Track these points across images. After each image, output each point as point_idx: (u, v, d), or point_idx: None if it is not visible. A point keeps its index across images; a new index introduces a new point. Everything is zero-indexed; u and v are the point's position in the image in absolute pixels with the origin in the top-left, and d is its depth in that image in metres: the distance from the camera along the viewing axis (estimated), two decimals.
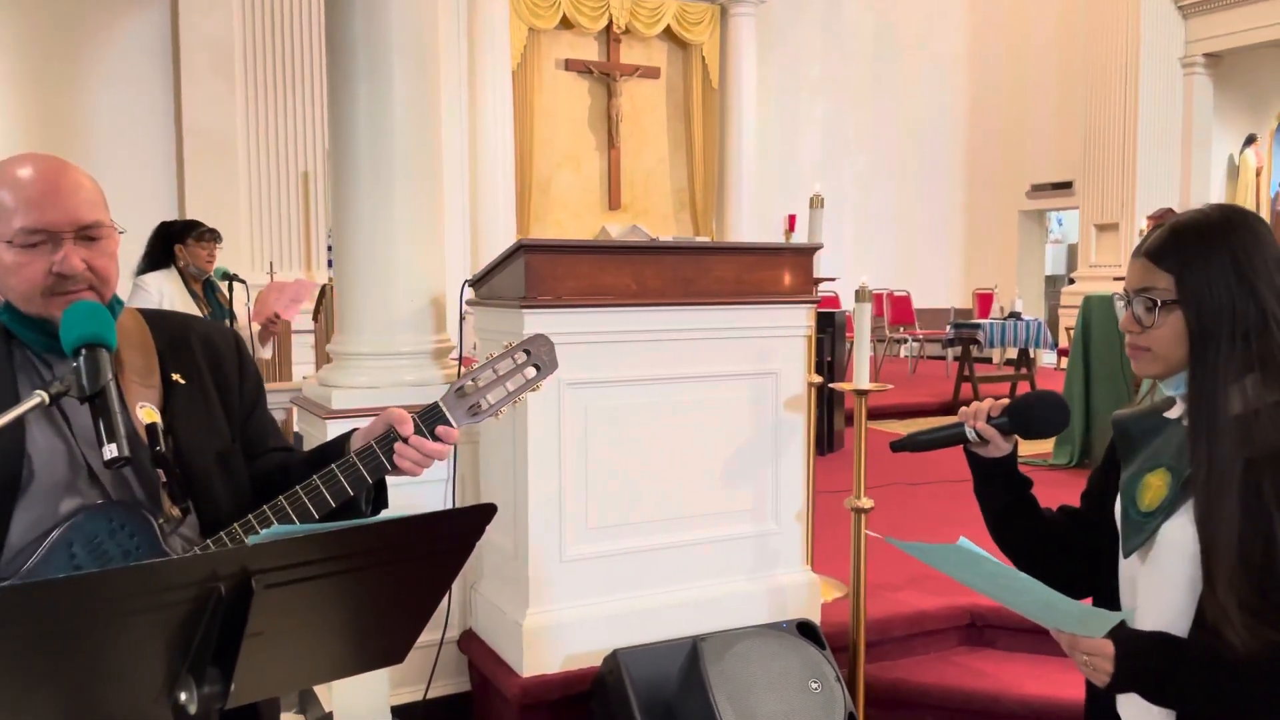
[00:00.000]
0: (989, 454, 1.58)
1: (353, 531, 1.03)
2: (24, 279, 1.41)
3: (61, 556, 1.38)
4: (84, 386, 1.33)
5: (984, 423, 1.55)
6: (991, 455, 1.58)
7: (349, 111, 3.31)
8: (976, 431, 1.55)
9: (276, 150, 7.43)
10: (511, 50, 10.21)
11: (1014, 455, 1.59)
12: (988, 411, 1.56)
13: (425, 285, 3.39)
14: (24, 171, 1.45)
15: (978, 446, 1.58)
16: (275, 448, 1.71)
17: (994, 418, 1.55)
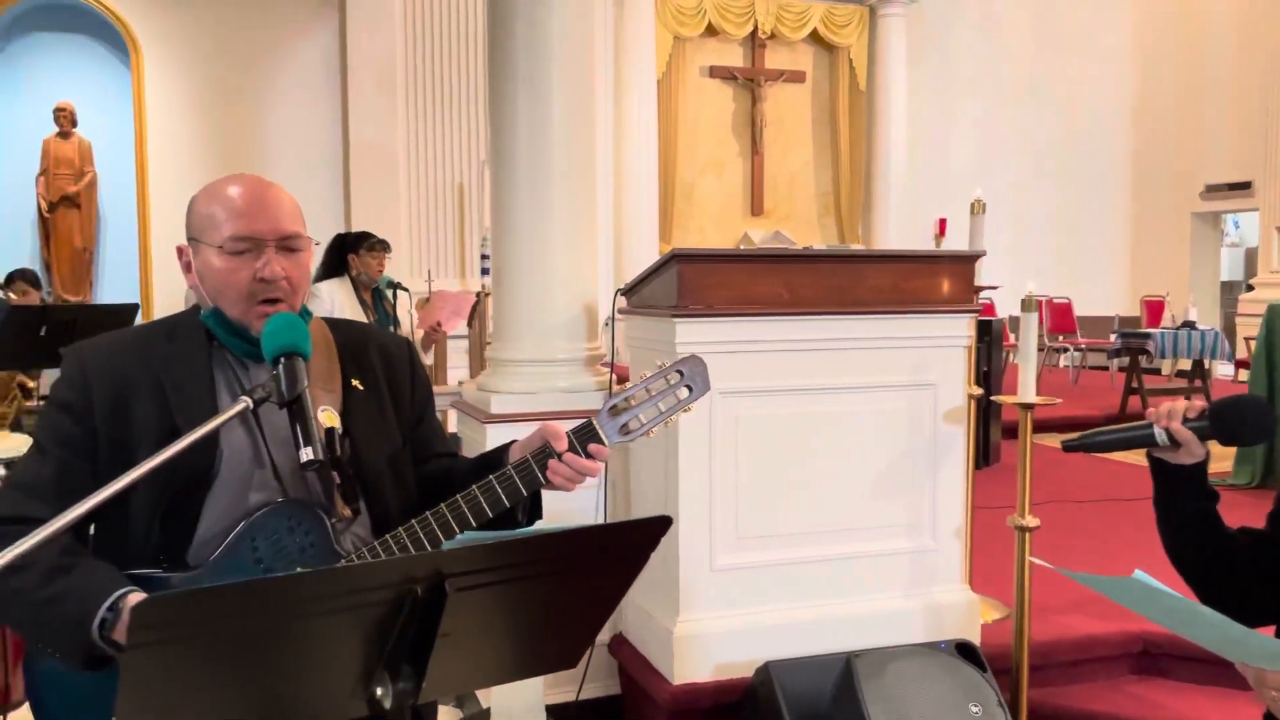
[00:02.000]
0: (1178, 460, 1.49)
1: (540, 539, 1.06)
2: (231, 284, 1.52)
3: (245, 549, 1.48)
4: (283, 393, 1.41)
5: (1179, 424, 1.46)
6: (1180, 461, 1.49)
7: (509, 123, 3.40)
8: (1168, 434, 1.46)
9: (434, 163, 7.73)
10: (657, 59, 10.31)
11: (1205, 463, 1.49)
12: (1183, 413, 1.46)
13: (580, 293, 3.45)
14: (233, 188, 1.56)
15: (1165, 451, 1.49)
16: (440, 453, 1.78)
17: (1190, 420, 1.45)
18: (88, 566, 1.39)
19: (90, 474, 1.46)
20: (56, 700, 1.46)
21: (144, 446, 1.47)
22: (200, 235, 1.55)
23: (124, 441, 1.48)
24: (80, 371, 1.52)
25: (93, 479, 1.46)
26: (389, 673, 1.07)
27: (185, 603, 0.92)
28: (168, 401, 1.50)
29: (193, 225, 1.57)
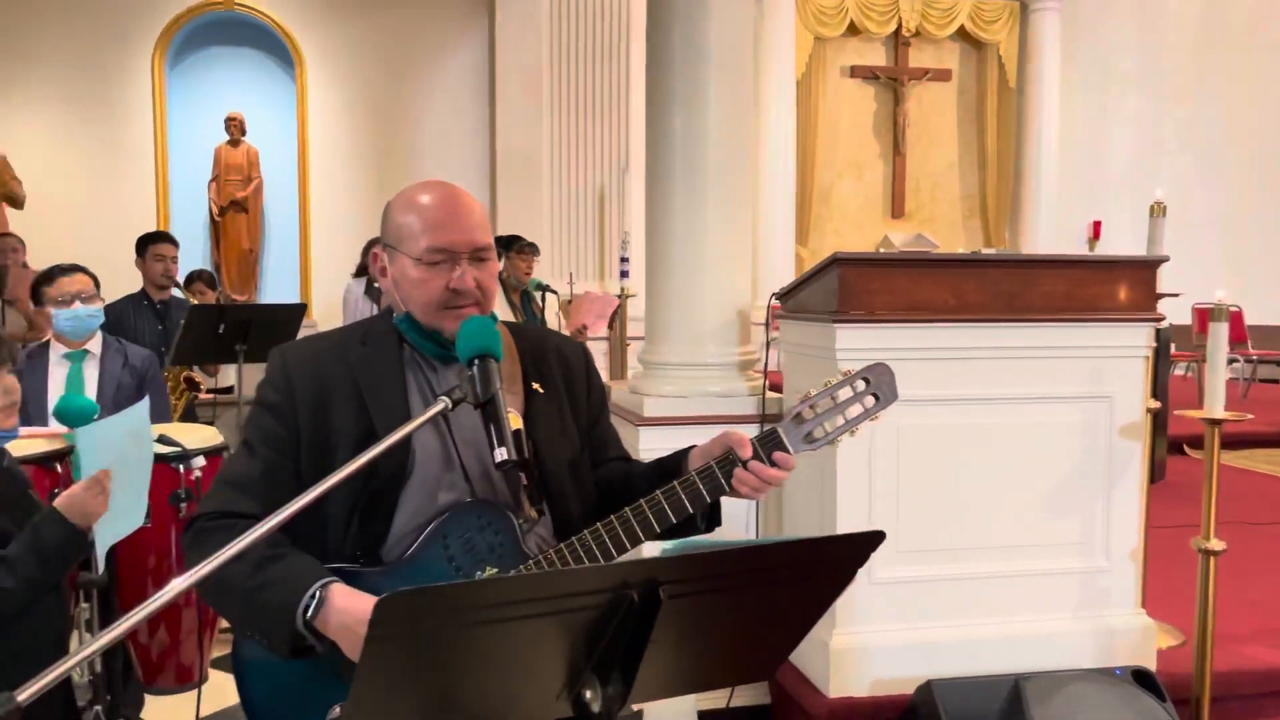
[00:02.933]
0: None
1: (754, 550, 1.05)
2: (426, 293, 1.56)
3: (437, 546, 1.51)
4: (478, 394, 1.44)
5: None
6: None
7: (665, 129, 3.42)
8: None
9: (576, 168, 7.85)
10: (796, 60, 10.19)
11: None
12: None
13: (732, 298, 3.43)
14: (427, 197, 1.59)
15: None
16: (615, 456, 1.78)
17: None
18: (293, 557, 1.45)
19: (294, 472, 1.53)
20: (260, 687, 1.53)
21: (342, 447, 1.52)
22: (397, 244, 1.59)
23: (324, 441, 1.54)
24: (284, 375, 1.58)
25: (295, 477, 1.52)
26: (598, 676, 1.08)
27: (427, 597, 0.94)
28: (364, 404, 1.55)
29: (389, 233, 1.61)
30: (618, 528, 1.50)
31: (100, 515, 1.95)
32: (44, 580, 1.92)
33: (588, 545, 1.49)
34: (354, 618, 1.36)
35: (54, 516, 1.91)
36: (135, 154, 7.66)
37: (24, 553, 1.87)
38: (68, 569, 2.01)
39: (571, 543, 1.50)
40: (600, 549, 1.48)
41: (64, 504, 1.92)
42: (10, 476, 2.07)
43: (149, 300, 4.79)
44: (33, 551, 1.87)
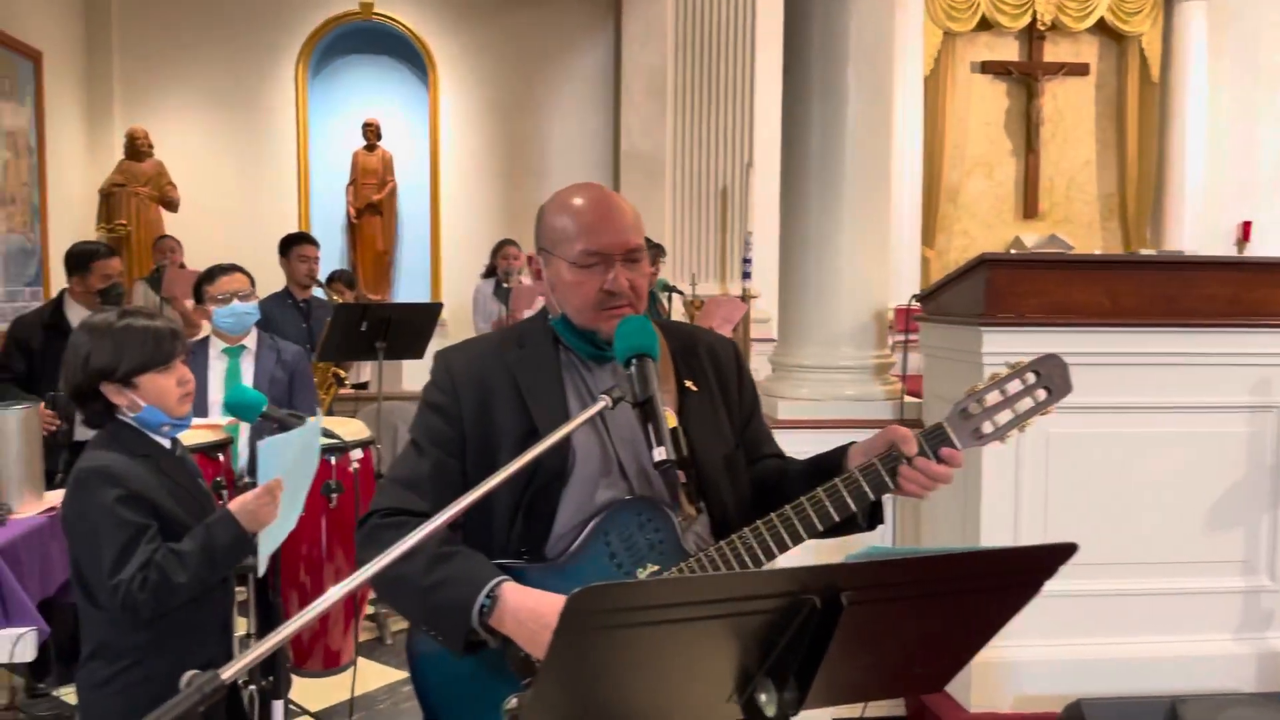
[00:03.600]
0: None
1: (944, 559, 1.02)
2: (581, 295, 1.58)
3: (600, 543, 1.53)
4: (636, 393, 1.45)
5: None
6: None
7: (802, 127, 3.38)
8: None
9: (698, 168, 7.84)
10: (924, 56, 9.96)
11: None
12: None
13: (868, 300, 3.37)
14: (580, 201, 1.61)
15: None
16: (769, 454, 1.77)
17: None
18: (466, 555, 1.49)
19: (461, 471, 1.57)
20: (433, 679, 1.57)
21: (505, 446, 1.56)
22: (552, 247, 1.61)
23: (488, 441, 1.57)
24: (449, 377, 1.63)
25: (462, 475, 1.57)
26: (773, 680, 1.07)
27: (619, 594, 0.96)
28: (524, 403, 1.58)
29: (543, 236, 1.64)
30: (779, 526, 1.48)
31: (268, 523, 2.03)
32: (210, 577, 2.02)
33: (748, 543, 1.48)
34: (528, 613, 1.40)
35: (226, 518, 2.00)
36: (279, 160, 8.03)
37: (196, 550, 1.97)
38: (232, 568, 2.10)
39: (733, 541, 1.50)
40: (761, 547, 1.48)
41: (236, 508, 2.00)
42: (182, 465, 2.18)
43: (293, 299, 5.00)
44: (204, 550, 1.97)
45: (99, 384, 2.03)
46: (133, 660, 2.01)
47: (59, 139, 7.07)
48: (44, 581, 3.27)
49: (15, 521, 3.23)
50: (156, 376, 2.05)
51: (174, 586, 1.94)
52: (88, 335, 2.05)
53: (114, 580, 1.92)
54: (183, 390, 2.10)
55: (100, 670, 2.02)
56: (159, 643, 2.02)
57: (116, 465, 1.99)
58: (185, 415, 2.13)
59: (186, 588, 1.96)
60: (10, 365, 4.09)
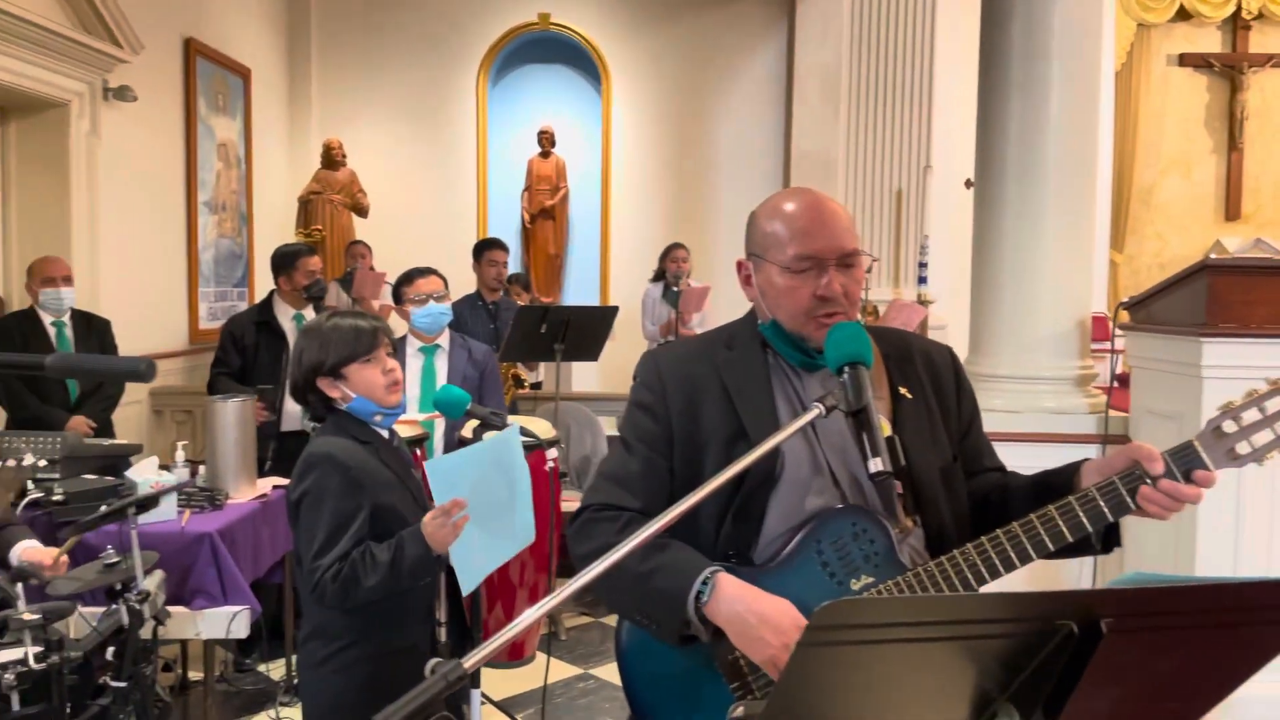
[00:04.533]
0: None
1: (1221, 589, 0.94)
2: (793, 300, 1.55)
3: (810, 551, 1.50)
4: (850, 401, 1.41)
5: None
6: None
7: (998, 126, 3.24)
8: None
9: (872, 170, 7.67)
10: (1116, 49, 9.40)
11: None
12: None
13: (1070, 307, 3.20)
14: (792, 205, 1.59)
15: None
16: (990, 467, 1.69)
17: None
18: (680, 545, 1.50)
19: (668, 469, 1.58)
20: (640, 675, 1.58)
21: (712, 446, 1.55)
22: (763, 252, 1.59)
23: (695, 440, 1.57)
24: (657, 376, 1.64)
25: (670, 473, 1.57)
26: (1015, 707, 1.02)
27: (868, 608, 0.93)
28: (733, 405, 1.57)
29: (754, 241, 1.62)
30: (1005, 543, 1.42)
31: (448, 544, 2.06)
32: (396, 587, 2.09)
33: (971, 560, 1.42)
34: (745, 605, 1.39)
35: (416, 535, 2.06)
36: (461, 167, 8.35)
37: (387, 560, 2.05)
38: (419, 582, 2.17)
39: (954, 557, 1.44)
40: (987, 565, 1.41)
41: (424, 525, 2.06)
42: (398, 454, 2.30)
43: (482, 301, 5.19)
44: (394, 563, 2.05)
45: (314, 379, 2.17)
46: (347, 641, 2.13)
47: (264, 150, 7.59)
48: (255, 563, 3.51)
49: (231, 506, 3.48)
50: (362, 368, 2.18)
51: (360, 587, 2.04)
52: (302, 338, 2.21)
53: (314, 563, 2.05)
54: (389, 379, 2.21)
55: (318, 650, 2.15)
56: (369, 625, 2.13)
57: (341, 451, 2.12)
58: (395, 405, 2.24)
59: (373, 590, 2.04)
60: (226, 360, 4.40)
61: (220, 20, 6.86)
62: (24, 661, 2.20)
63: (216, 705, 3.70)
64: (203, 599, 3.18)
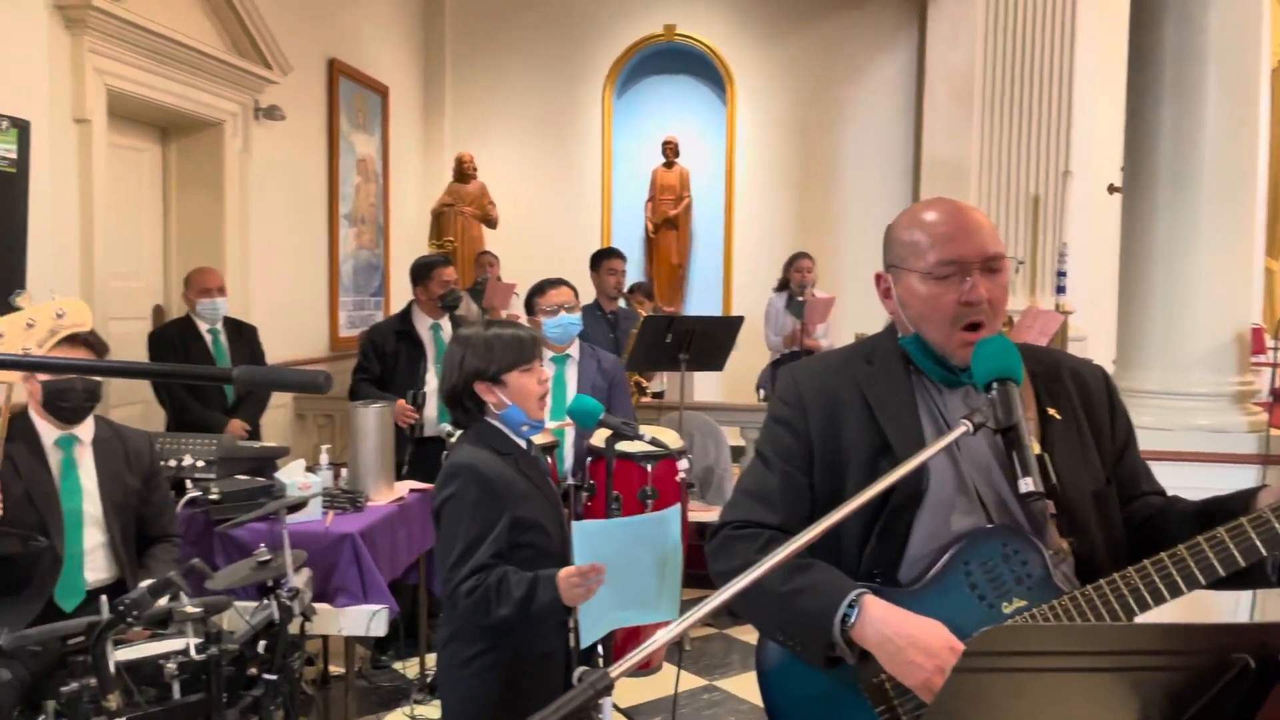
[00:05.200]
0: None
1: None
2: (936, 309, 1.51)
3: (959, 572, 1.46)
4: (999, 419, 1.37)
5: None
6: None
7: (1149, 131, 3.10)
8: None
9: (1007, 175, 7.43)
10: (1271, 47, 8.84)
11: None
12: None
13: (1227, 320, 3.03)
14: (932, 214, 1.55)
15: None
16: (1149, 491, 1.62)
17: None
18: (823, 566, 1.48)
19: (808, 485, 1.56)
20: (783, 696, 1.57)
21: (854, 463, 1.53)
22: (902, 262, 1.56)
23: (836, 456, 1.55)
24: (795, 391, 1.62)
25: (810, 489, 1.55)
26: None
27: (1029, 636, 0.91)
28: (875, 421, 1.54)
29: (893, 252, 1.59)
30: (1171, 568, 1.35)
31: (577, 603, 2.09)
32: (522, 624, 2.12)
33: (1133, 585, 1.35)
34: (894, 629, 1.36)
35: (551, 581, 2.09)
36: (586, 178, 8.49)
37: (520, 597, 2.08)
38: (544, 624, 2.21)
39: (1114, 580, 1.37)
40: (1150, 590, 1.35)
41: (561, 578, 2.08)
42: (536, 464, 2.35)
43: (601, 310, 5.25)
44: (525, 600, 2.08)
45: (473, 384, 2.24)
46: (486, 645, 2.18)
47: (400, 164, 7.89)
48: (393, 564, 3.64)
49: (371, 508, 3.61)
50: (521, 375, 2.24)
51: (490, 613, 2.08)
52: (462, 345, 2.28)
53: (451, 572, 2.10)
54: (542, 390, 2.28)
55: (459, 652, 2.21)
56: (508, 631, 2.17)
57: (482, 462, 2.18)
58: (541, 419, 2.30)
59: (503, 620, 2.08)
60: (367, 367, 4.58)
61: (361, 41, 7.17)
62: (185, 652, 2.33)
63: (355, 700, 3.84)
64: (345, 597, 3.31)
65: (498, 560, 2.12)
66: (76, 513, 2.76)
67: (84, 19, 4.14)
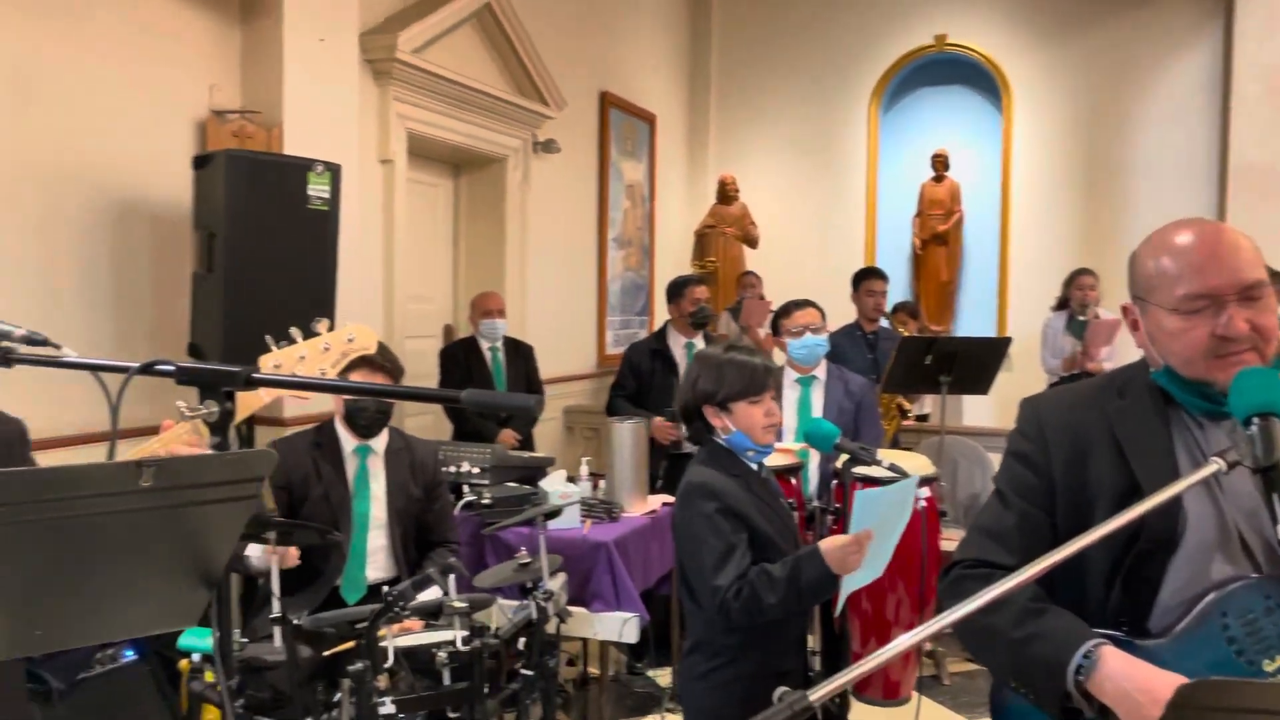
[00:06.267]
0: None
1: None
2: (1186, 344, 1.40)
3: (1214, 623, 1.34)
4: (1258, 457, 1.25)
5: None
6: None
7: None
8: None
9: None
10: None
11: None
12: None
13: None
14: (1183, 238, 1.43)
15: None
16: None
17: None
18: (1059, 612, 1.40)
19: (1049, 524, 1.48)
20: None
21: (1101, 502, 1.44)
22: (1147, 295, 1.45)
23: (1080, 495, 1.47)
24: (1036, 425, 1.54)
25: (1051, 529, 1.47)
26: None
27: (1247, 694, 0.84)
28: (1124, 459, 1.44)
29: (1138, 283, 1.48)
30: None
31: (852, 570, 2.10)
32: (795, 606, 2.15)
33: None
34: (1136, 685, 1.28)
35: (815, 556, 2.11)
36: (849, 196, 8.38)
37: (785, 579, 2.11)
38: (816, 602, 2.22)
39: None
40: None
41: (826, 548, 2.10)
42: (767, 485, 2.38)
43: (861, 331, 5.18)
44: (791, 581, 2.10)
45: (702, 405, 2.31)
46: (727, 659, 2.23)
47: (665, 188, 8.18)
48: (645, 574, 3.78)
49: (625, 519, 3.79)
50: (748, 406, 2.28)
51: (763, 605, 2.10)
52: (699, 364, 2.35)
53: (713, 584, 2.14)
54: (768, 421, 2.31)
55: (699, 664, 2.27)
56: (748, 647, 2.21)
57: (716, 481, 2.24)
58: (768, 445, 2.33)
59: (774, 609, 2.10)
60: (624, 384, 4.80)
61: (631, 73, 7.52)
62: (453, 643, 2.56)
63: (610, 702, 4.03)
64: (599, 603, 3.49)
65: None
66: (364, 516, 3.10)
67: (390, 71, 4.66)
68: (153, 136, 3.63)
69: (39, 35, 3.23)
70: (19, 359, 1.44)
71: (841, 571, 2.08)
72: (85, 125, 3.39)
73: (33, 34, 3.22)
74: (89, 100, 3.40)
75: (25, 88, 3.20)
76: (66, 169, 3.34)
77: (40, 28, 3.24)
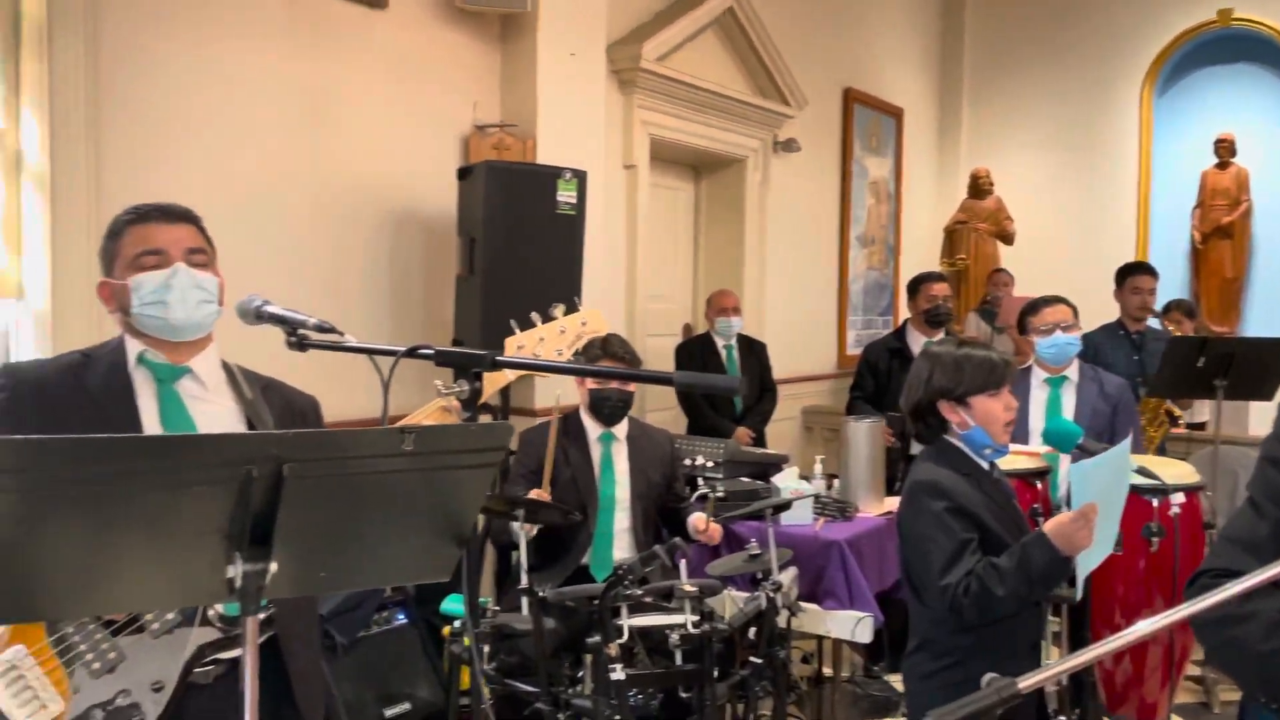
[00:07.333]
0: None
1: None
2: None
3: None
4: None
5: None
6: None
7: None
8: None
9: None
10: None
11: None
12: None
13: None
14: None
15: None
16: None
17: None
18: None
19: None
20: None
21: None
22: None
23: None
24: None
25: None
26: None
27: None
28: None
29: None
30: None
31: (1083, 547, 2.01)
32: (1027, 596, 2.07)
33: None
34: None
35: (1041, 540, 2.03)
36: (1117, 187, 7.77)
37: (1013, 568, 2.04)
38: (1049, 589, 2.12)
39: None
40: None
41: (1052, 530, 2.03)
42: (999, 485, 2.30)
43: (1125, 330, 4.82)
44: (1020, 568, 2.03)
45: (937, 401, 2.27)
46: (954, 660, 2.18)
47: (912, 184, 7.95)
48: (881, 576, 3.73)
49: (859, 519, 3.75)
50: (987, 400, 2.22)
51: (993, 598, 2.04)
52: (930, 361, 2.31)
53: (942, 583, 2.10)
54: (1008, 416, 2.24)
55: (925, 664, 2.24)
56: (977, 648, 2.15)
57: (944, 480, 2.19)
58: (1005, 443, 2.26)
59: (1005, 601, 2.04)
60: (862, 385, 4.74)
61: (877, 68, 7.38)
62: (684, 626, 2.66)
63: (845, 703, 4.00)
64: (832, 600, 3.48)
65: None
66: (610, 498, 3.28)
67: (634, 79, 4.86)
68: (424, 151, 4.00)
69: (328, 64, 3.66)
70: (311, 344, 1.67)
71: (1071, 551, 2.01)
72: (368, 143, 3.80)
73: (323, 64, 3.64)
74: (370, 121, 3.81)
75: (320, 112, 3.64)
76: (353, 182, 3.76)
77: (329, 57, 3.66)
